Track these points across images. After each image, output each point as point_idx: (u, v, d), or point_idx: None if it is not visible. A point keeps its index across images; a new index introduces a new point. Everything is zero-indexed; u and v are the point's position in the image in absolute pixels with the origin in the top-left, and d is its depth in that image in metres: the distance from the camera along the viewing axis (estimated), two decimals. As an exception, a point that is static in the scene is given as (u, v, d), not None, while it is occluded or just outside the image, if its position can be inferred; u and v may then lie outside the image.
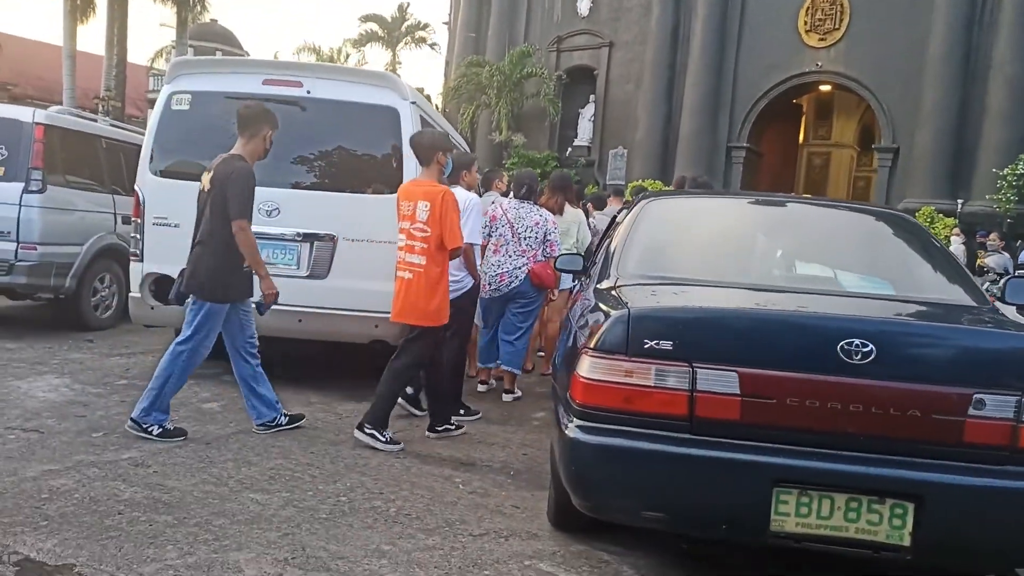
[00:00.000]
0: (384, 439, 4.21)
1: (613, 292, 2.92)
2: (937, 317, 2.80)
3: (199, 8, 25.24)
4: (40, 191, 6.22)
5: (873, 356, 2.34)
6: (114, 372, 5.46)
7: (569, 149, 22.11)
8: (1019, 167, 14.99)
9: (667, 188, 18.38)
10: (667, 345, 2.44)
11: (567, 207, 6.52)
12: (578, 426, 2.54)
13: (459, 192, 4.76)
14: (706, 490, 2.45)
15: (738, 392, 2.40)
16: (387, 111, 5.27)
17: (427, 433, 4.56)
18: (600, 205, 8.22)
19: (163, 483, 3.44)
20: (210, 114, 5.35)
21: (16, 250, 6.12)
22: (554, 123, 22.01)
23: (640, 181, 18.52)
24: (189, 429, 4.26)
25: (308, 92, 5.27)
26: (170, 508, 3.18)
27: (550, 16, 22.84)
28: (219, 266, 4.06)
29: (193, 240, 4.14)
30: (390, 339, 5.27)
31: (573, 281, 5.42)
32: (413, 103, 5.40)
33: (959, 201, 16.32)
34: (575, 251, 6.07)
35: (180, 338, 4.15)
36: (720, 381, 2.41)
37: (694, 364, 2.43)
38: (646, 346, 2.45)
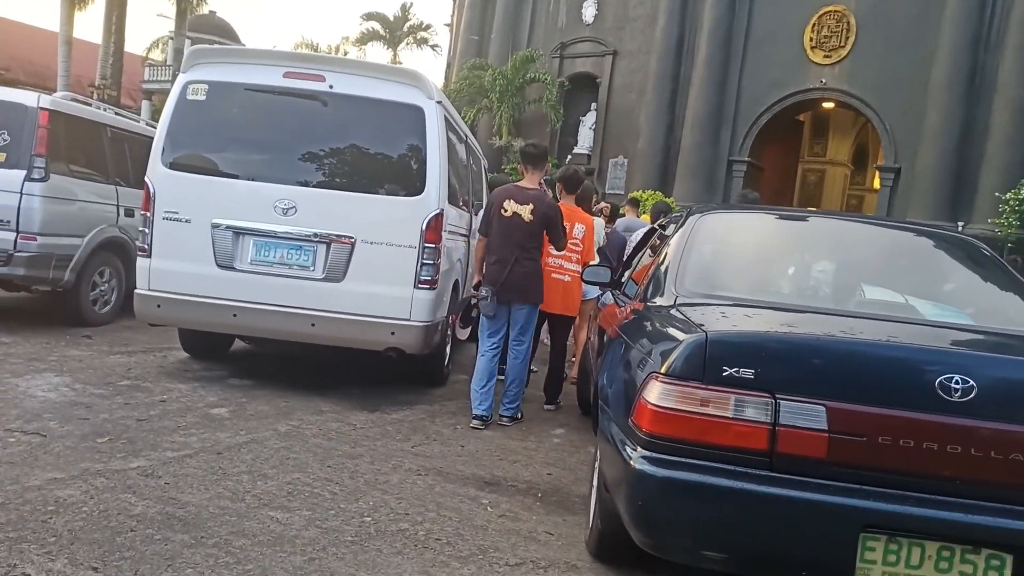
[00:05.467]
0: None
1: (675, 312, 2.72)
2: None
3: (198, -1, 24.97)
4: (42, 179, 5.94)
5: (974, 394, 2.17)
6: (116, 372, 5.20)
7: (569, 156, 21.93)
8: (1022, 192, 14.94)
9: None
10: (748, 373, 2.25)
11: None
12: (644, 457, 2.34)
13: None
14: (784, 533, 2.25)
15: (826, 428, 2.21)
16: (412, 110, 5.06)
17: (546, 406, 5.65)
18: (614, 218, 8.06)
19: (176, 497, 3.22)
20: (227, 106, 5.14)
21: (15, 240, 5.83)
22: (555, 130, 21.82)
23: (640, 192, 18.40)
24: (198, 437, 4.03)
25: (331, 87, 5.06)
26: (186, 525, 2.95)
27: (554, 22, 22.68)
28: (540, 279, 5.11)
29: (499, 256, 4.97)
30: (406, 347, 5.08)
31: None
32: (439, 103, 5.20)
33: (960, 223, 16.27)
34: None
35: (516, 341, 5.09)
36: (806, 415, 2.22)
37: (777, 395, 2.24)
38: (724, 374, 2.26)
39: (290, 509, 3.24)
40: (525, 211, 4.93)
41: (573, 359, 6.94)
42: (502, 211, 4.97)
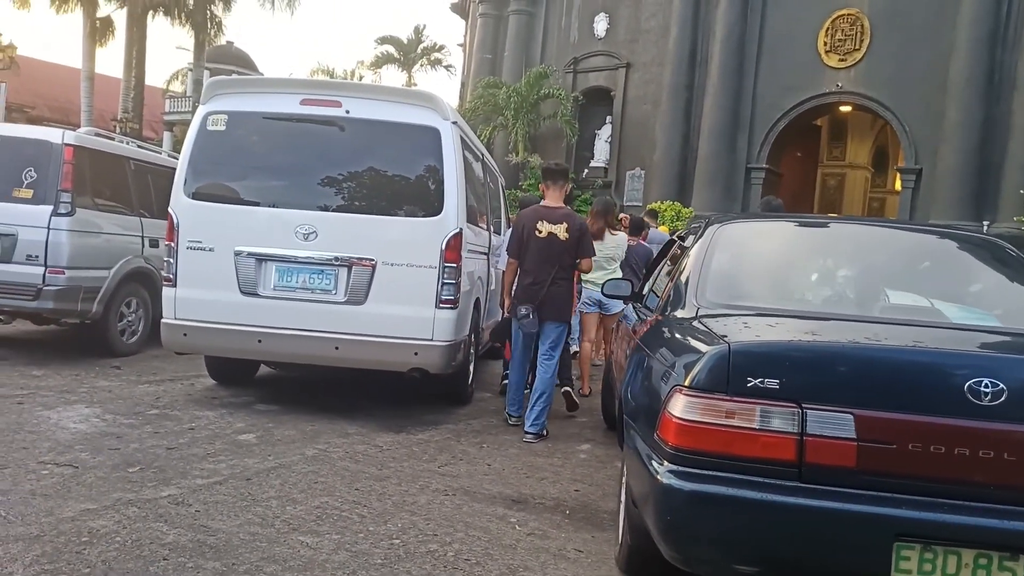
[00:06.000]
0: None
1: (698, 323, 2.71)
2: None
3: (215, 31, 25.39)
4: (69, 214, 6.06)
5: (1004, 397, 2.13)
6: (145, 401, 5.27)
7: (586, 170, 21.92)
8: (1047, 188, 14.71)
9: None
10: (773, 384, 2.23)
11: (607, 232, 6.47)
12: (671, 471, 2.33)
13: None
14: (815, 544, 2.22)
15: (854, 436, 2.18)
16: (428, 131, 5.11)
17: (563, 390, 5.82)
18: (636, 230, 8.05)
19: (207, 524, 3.24)
20: (247, 135, 5.22)
21: (44, 274, 5.95)
22: (571, 144, 21.80)
23: (659, 203, 18.35)
24: (227, 463, 4.07)
25: (347, 112, 5.12)
26: (217, 553, 2.97)
27: (567, 37, 22.73)
28: (571, 298, 5.45)
29: (536, 276, 5.13)
30: (430, 367, 5.10)
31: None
32: (454, 123, 5.25)
33: (985, 223, 16.02)
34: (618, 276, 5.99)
35: (548, 355, 5.26)
36: (833, 424, 2.19)
37: (803, 405, 2.22)
38: (749, 384, 2.25)
39: (319, 533, 3.25)
40: (560, 230, 5.14)
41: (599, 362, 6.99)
42: (537, 232, 5.16)
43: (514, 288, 5.35)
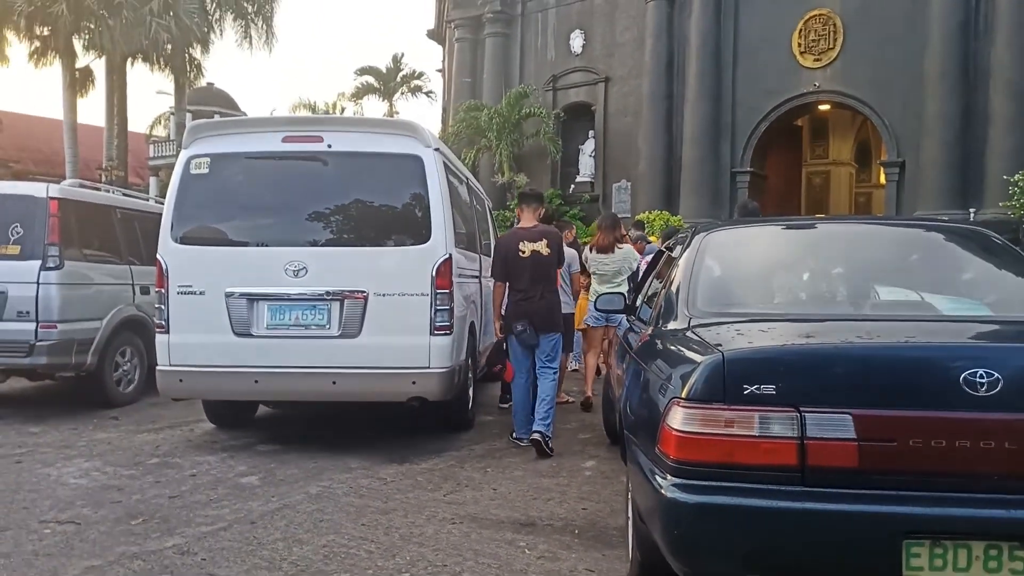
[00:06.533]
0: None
1: (691, 334, 2.71)
2: None
3: (195, 73, 25.46)
4: (58, 267, 6.04)
5: (1000, 386, 2.13)
6: (144, 450, 5.23)
7: (572, 186, 22.03)
8: (1030, 173, 14.81)
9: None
10: (769, 389, 2.22)
11: (616, 245, 6.57)
12: (675, 484, 2.31)
13: None
14: (824, 548, 2.21)
15: (854, 436, 2.17)
16: (411, 160, 5.13)
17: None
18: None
19: (214, 572, 3.21)
20: (231, 176, 5.23)
21: (36, 330, 5.93)
22: (555, 161, 21.92)
23: (647, 213, 18.41)
24: (230, 508, 4.03)
25: (329, 146, 5.14)
26: (225, 600, 2.94)
27: (544, 56, 22.92)
28: (560, 309, 5.64)
29: (527, 293, 5.31)
30: (428, 395, 5.08)
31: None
32: (436, 150, 5.27)
33: (971, 210, 16.11)
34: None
35: (547, 366, 5.39)
36: (833, 425, 2.19)
37: (801, 408, 2.21)
38: (746, 392, 2.24)
39: (327, 573, 3.22)
40: (542, 246, 5.34)
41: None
42: (520, 253, 5.33)
43: (504, 308, 5.40)
